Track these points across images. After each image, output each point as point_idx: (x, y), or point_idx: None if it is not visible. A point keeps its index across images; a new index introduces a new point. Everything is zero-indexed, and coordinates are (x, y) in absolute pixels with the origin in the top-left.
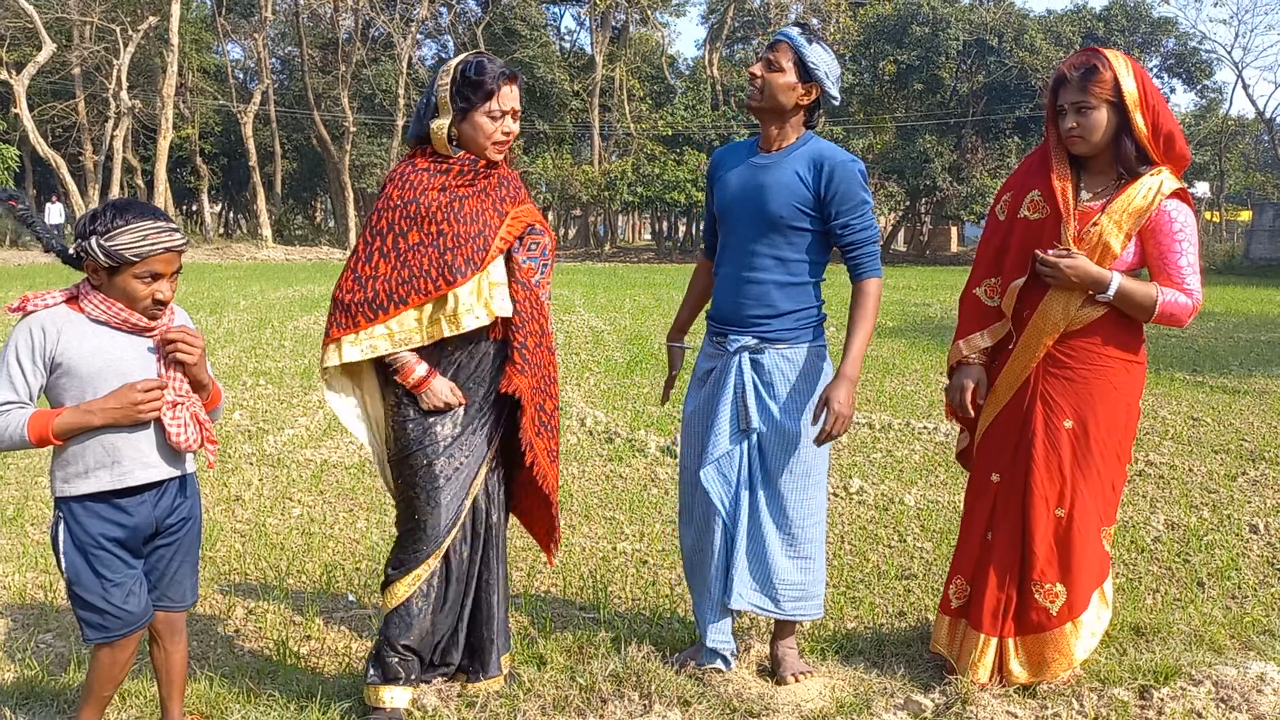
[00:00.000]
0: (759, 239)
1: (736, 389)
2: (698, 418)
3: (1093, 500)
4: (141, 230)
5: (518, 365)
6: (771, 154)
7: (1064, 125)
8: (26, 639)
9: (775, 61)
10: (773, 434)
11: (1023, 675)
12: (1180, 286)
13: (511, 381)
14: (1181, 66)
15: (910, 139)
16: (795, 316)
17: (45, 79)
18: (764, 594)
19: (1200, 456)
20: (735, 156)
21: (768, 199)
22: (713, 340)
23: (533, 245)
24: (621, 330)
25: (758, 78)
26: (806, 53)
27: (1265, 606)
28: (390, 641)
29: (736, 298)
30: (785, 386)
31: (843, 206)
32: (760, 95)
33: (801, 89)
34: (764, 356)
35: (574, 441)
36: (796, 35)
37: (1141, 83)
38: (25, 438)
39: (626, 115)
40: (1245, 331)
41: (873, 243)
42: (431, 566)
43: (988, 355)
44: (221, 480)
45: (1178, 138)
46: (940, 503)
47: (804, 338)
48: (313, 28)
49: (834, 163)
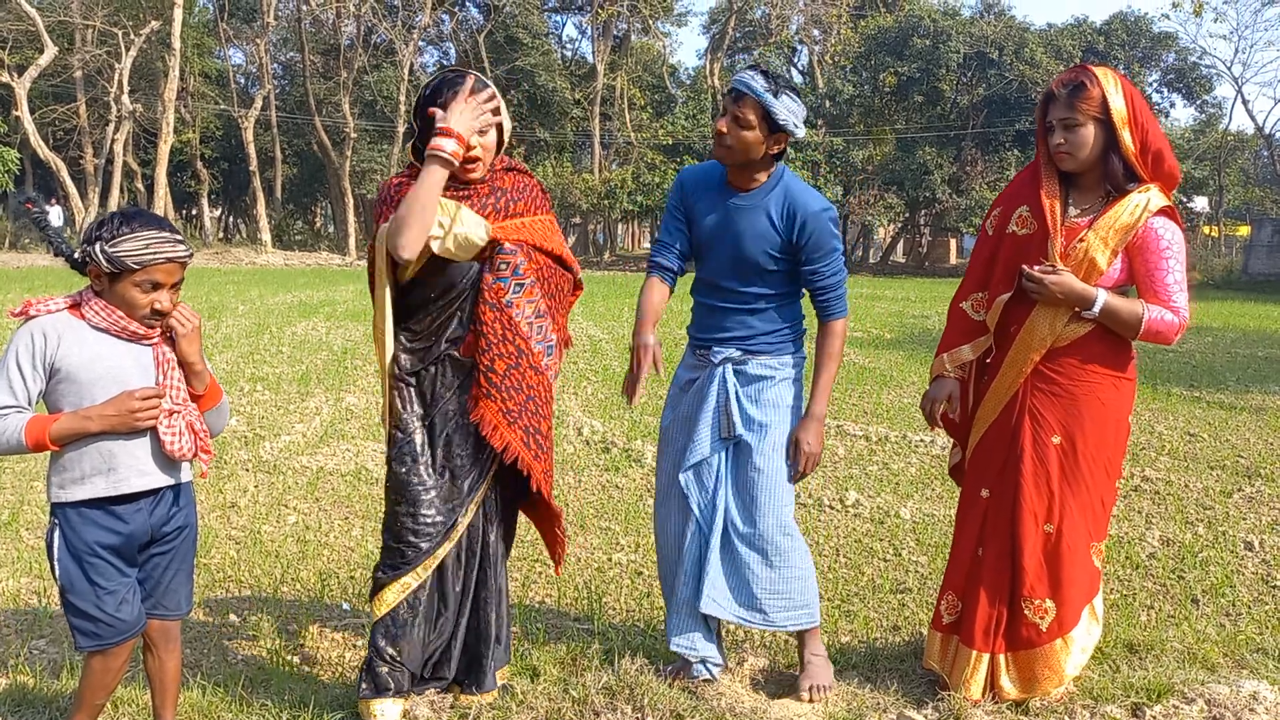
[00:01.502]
0: (735, 277)
1: (719, 397)
2: (676, 427)
3: (1081, 516)
4: (145, 239)
5: (483, 389)
6: (745, 194)
7: (1052, 141)
8: (20, 645)
9: (742, 118)
10: (753, 443)
11: (1014, 692)
12: (1167, 304)
13: (478, 406)
14: (1181, 81)
15: (910, 151)
16: (778, 333)
17: (47, 82)
18: (749, 607)
19: (1196, 472)
20: (708, 186)
21: (743, 244)
22: (694, 352)
23: (501, 265)
24: (619, 339)
25: (725, 134)
26: (774, 108)
27: (1259, 624)
28: (380, 653)
29: (717, 321)
30: (767, 395)
31: (814, 255)
32: (730, 153)
33: (770, 140)
34: (747, 366)
35: (570, 451)
36: (761, 89)
37: (1130, 100)
38: (22, 442)
39: (627, 124)
40: (1243, 347)
41: (840, 286)
42: (421, 578)
43: (969, 370)
44: (217, 487)
45: (1166, 155)
46: (936, 516)
47: (786, 349)
48: (315, 33)
49: (806, 213)
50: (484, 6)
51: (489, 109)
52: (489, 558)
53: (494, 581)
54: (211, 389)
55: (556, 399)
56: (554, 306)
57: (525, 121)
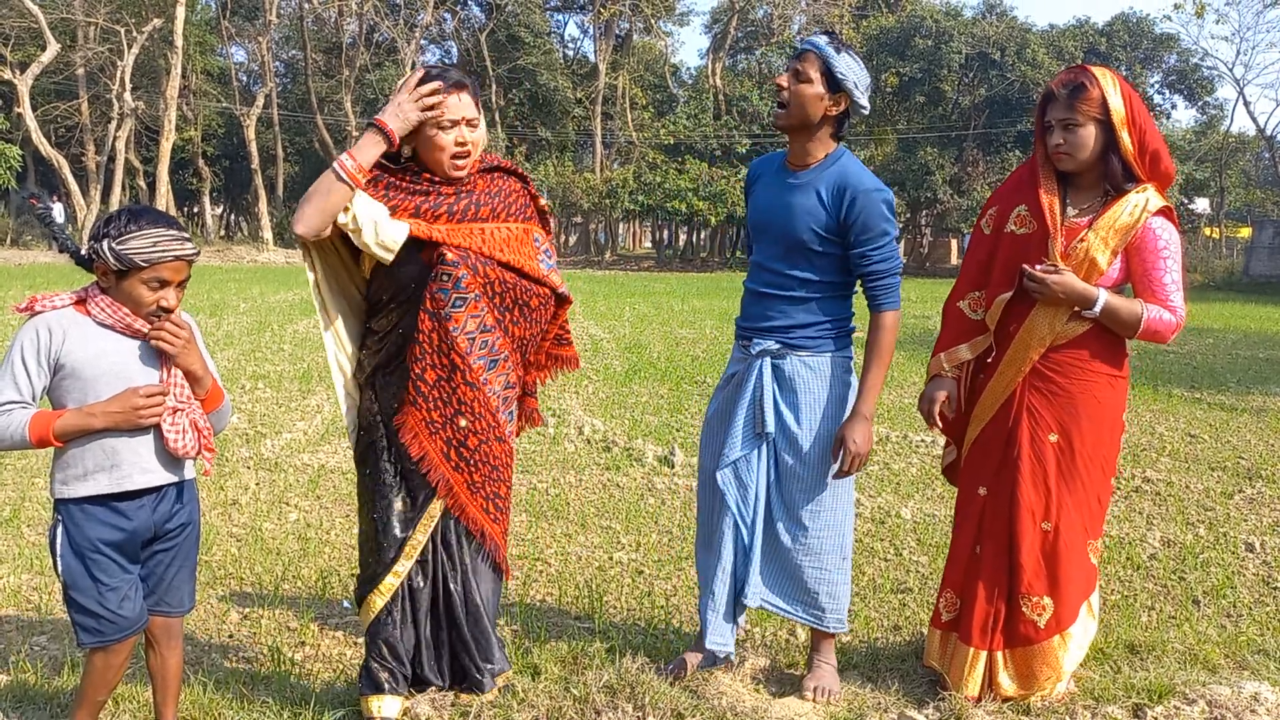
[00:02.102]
0: (783, 258)
1: (755, 392)
2: (718, 419)
3: (1078, 513)
4: (153, 236)
5: (410, 397)
6: (802, 172)
7: (1051, 141)
8: (21, 641)
9: (803, 72)
10: (788, 442)
11: (1012, 688)
12: (1165, 303)
13: (402, 411)
14: (1183, 83)
15: (911, 151)
16: (819, 326)
17: (49, 79)
18: (782, 596)
19: (1197, 473)
20: (769, 169)
21: (791, 221)
22: (739, 344)
23: (444, 276)
24: (620, 339)
25: (784, 89)
26: (835, 62)
27: (1260, 626)
28: (375, 653)
29: (760, 309)
30: (805, 394)
31: (862, 236)
32: (788, 108)
33: (830, 99)
34: (785, 362)
35: (571, 450)
36: (824, 44)
37: (1129, 101)
38: (26, 438)
39: (629, 123)
40: (1244, 348)
41: (892, 275)
42: (400, 575)
43: (967, 370)
44: (218, 484)
45: (1163, 155)
46: (937, 516)
47: (827, 347)
48: (317, 32)
49: (857, 190)
50: (486, 5)
51: (430, 102)
52: (455, 560)
53: (474, 586)
54: (213, 392)
55: (557, 398)
56: (513, 320)
57: (527, 120)
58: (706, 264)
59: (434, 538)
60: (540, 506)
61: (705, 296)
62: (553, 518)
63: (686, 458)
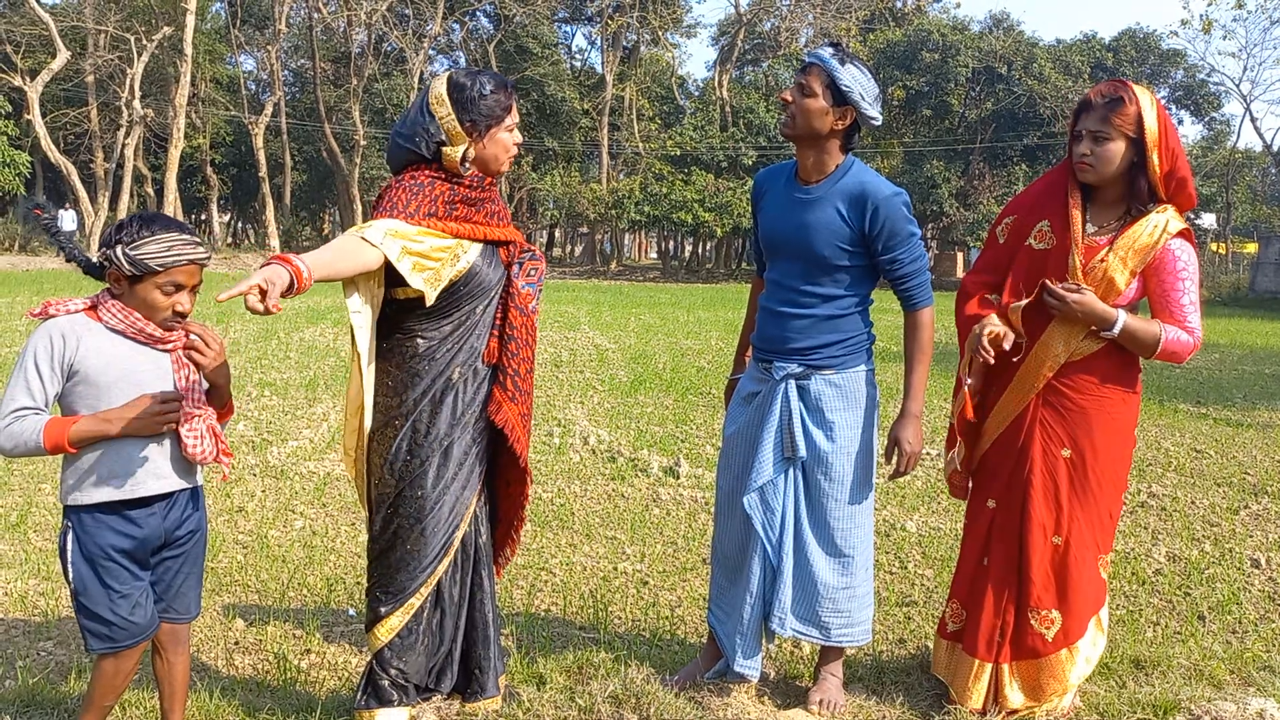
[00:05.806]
0: (803, 275)
1: (783, 416)
2: (739, 440)
3: (1089, 528)
4: (167, 241)
5: (509, 393)
6: (813, 186)
7: (1077, 150)
8: (28, 646)
9: (807, 86)
10: (819, 462)
11: (1017, 701)
12: (1182, 325)
13: (501, 409)
14: (1189, 98)
15: (918, 164)
16: (841, 344)
17: (59, 86)
18: (811, 623)
19: (1203, 489)
20: (776, 183)
21: (811, 239)
22: (758, 364)
23: (531, 271)
24: (626, 349)
25: (790, 103)
26: (839, 75)
27: (1266, 642)
28: (384, 666)
29: (780, 330)
30: (832, 413)
31: (890, 241)
32: (793, 122)
33: (835, 113)
34: (810, 383)
35: (576, 460)
36: (828, 57)
37: (1164, 125)
38: (40, 444)
39: (635, 134)
40: (1249, 364)
41: (923, 273)
42: (424, 595)
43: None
44: (225, 491)
45: (1189, 183)
46: (942, 529)
47: (850, 363)
48: (326, 41)
49: (878, 199)
50: (494, 16)
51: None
52: (482, 559)
53: (487, 582)
54: (228, 405)
55: (562, 408)
56: None
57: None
58: (712, 275)
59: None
60: (545, 516)
61: (711, 307)
62: (558, 528)
63: (691, 468)
